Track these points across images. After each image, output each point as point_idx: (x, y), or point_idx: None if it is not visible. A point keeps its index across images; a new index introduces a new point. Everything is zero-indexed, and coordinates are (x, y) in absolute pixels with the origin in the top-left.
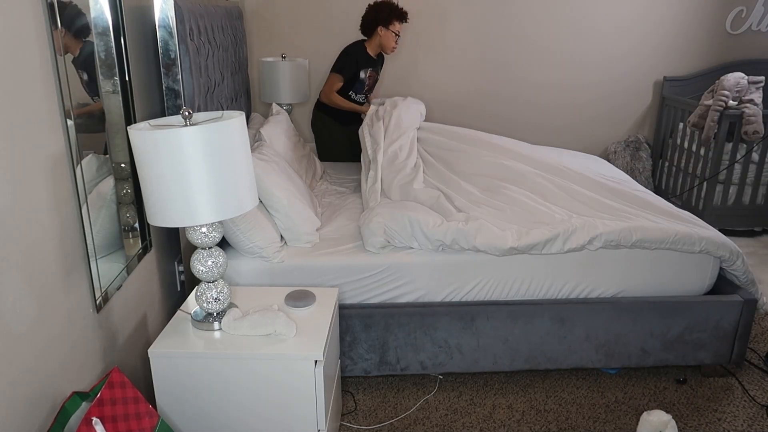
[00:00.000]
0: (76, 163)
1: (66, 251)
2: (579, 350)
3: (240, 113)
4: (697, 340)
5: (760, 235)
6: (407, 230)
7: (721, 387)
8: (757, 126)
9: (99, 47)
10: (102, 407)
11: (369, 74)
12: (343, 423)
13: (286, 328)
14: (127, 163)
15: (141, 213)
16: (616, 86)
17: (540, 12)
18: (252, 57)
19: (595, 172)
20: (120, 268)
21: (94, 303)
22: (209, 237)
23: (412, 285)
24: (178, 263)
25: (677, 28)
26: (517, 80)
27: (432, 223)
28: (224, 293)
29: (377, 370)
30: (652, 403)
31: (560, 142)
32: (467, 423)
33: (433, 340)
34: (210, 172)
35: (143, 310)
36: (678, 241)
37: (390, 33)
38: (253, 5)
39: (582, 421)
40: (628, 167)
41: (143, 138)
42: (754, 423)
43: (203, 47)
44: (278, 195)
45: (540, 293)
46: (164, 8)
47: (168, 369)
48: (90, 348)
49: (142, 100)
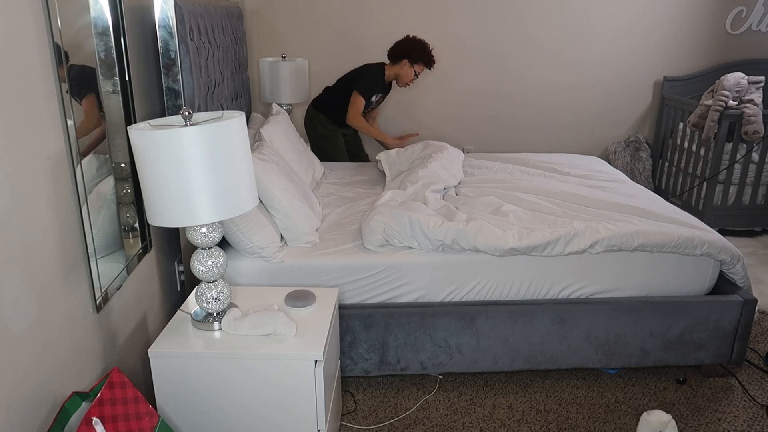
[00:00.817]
0: (76, 163)
1: (66, 251)
2: (579, 350)
3: (240, 113)
4: (697, 340)
5: (760, 235)
6: (407, 230)
7: (721, 387)
8: (757, 126)
9: (99, 47)
10: (102, 407)
11: (378, 99)
12: (343, 423)
13: (286, 328)
14: (127, 163)
15: (141, 213)
16: (616, 86)
17: (540, 12)
18: (252, 57)
19: (593, 170)
20: (120, 268)
21: (94, 303)
22: (209, 237)
23: (412, 285)
24: (178, 263)
25: (677, 28)
26: (517, 80)
27: (432, 223)
28: (224, 293)
29: (377, 370)
30: (652, 403)
31: (560, 143)
32: (467, 423)
33: (433, 340)
34: (210, 172)
35: (143, 310)
36: (680, 244)
37: (412, 70)
38: (253, 5)
39: (582, 421)
40: (628, 167)
41: (143, 138)
42: (754, 423)
43: (203, 47)
44: (278, 195)
45: (540, 293)
46: (164, 8)
47: (168, 369)
48: (90, 348)
49: (142, 100)
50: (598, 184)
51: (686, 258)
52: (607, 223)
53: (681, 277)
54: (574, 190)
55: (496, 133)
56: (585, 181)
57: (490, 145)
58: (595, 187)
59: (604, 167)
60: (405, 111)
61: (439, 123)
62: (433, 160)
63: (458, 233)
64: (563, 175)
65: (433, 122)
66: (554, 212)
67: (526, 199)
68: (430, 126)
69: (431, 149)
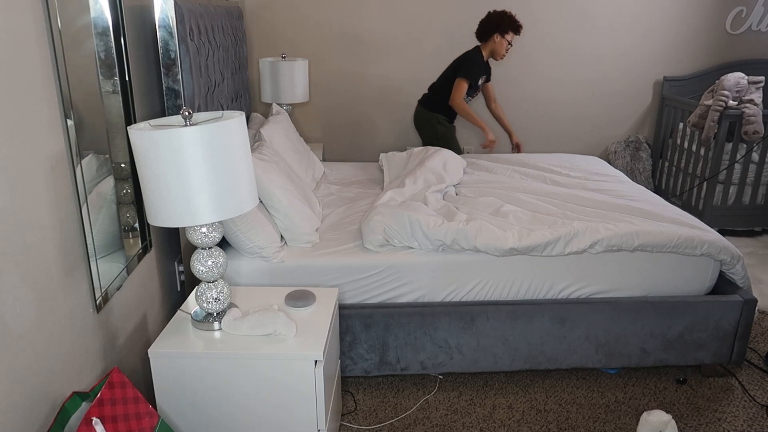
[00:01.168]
0: (76, 163)
1: (66, 251)
2: (579, 350)
3: (240, 113)
4: (697, 340)
5: (760, 235)
6: (407, 229)
7: (721, 387)
8: (757, 126)
9: (99, 47)
10: (102, 407)
11: (483, 81)
12: (343, 423)
13: (286, 328)
14: (127, 163)
15: (141, 213)
16: (616, 86)
17: (540, 12)
18: (252, 57)
19: (593, 171)
20: (120, 268)
21: (94, 303)
22: (209, 237)
23: (412, 285)
24: (178, 263)
25: (677, 28)
26: (517, 81)
27: (432, 223)
28: (224, 293)
29: (377, 370)
30: (652, 403)
31: (560, 142)
32: (467, 423)
33: (433, 340)
34: (210, 172)
35: (143, 310)
36: (680, 245)
37: (504, 41)
38: (253, 5)
39: (582, 421)
40: (628, 167)
41: (143, 138)
42: (754, 423)
43: (203, 47)
44: (278, 195)
45: (540, 293)
46: (164, 8)
47: (168, 369)
48: (90, 348)
49: (142, 100)
50: (597, 186)
51: (686, 258)
52: (607, 224)
53: (681, 277)
54: (574, 191)
55: (496, 133)
56: (586, 183)
57: None
58: (595, 190)
59: (604, 168)
60: (405, 111)
61: None
62: (433, 160)
63: (458, 233)
64: (563, 176)
65: None
66: (554, 213)
67: (526, 200)
68: None
69: (431, 150)
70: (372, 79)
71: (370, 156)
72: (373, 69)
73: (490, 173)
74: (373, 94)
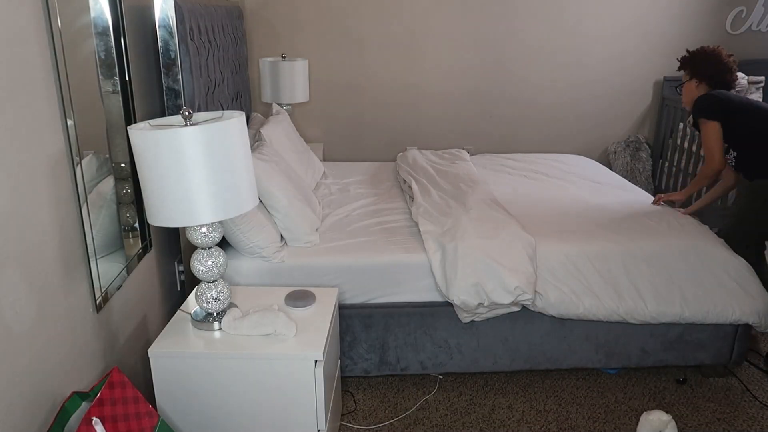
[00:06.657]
0: (76, 163)
1: (66, 251)
2: (579, 350)
3: (240, 113)
4: (697, 340)
5: None
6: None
7: (721, 387)
8: None
9: (99, 47)
10: (102, 407)
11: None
12: (343, 423)
13: (286, 328)
14: (127, 163)
15: (141, 213)
16: (616, 86)
17: (540, 12)
18: (252, 57)
19: (595, 179)
20: (120, 268)
21: (94, 303)
22: (209, 237)
23: (412, 285)
24: (178, 263)
25: (677, 28)
26: (517, 81)
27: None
28: (224, 293)
29: (377, 370)
30: (652, 403)
31: (560, 143)
32: (467, 423)
33: (433, 340)
34: (210, 172)
35: (143, 310)
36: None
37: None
38: (253, 5)
39: (582, 421)
40: (628, 167)
41: (143, 138)
42: (754, 423)
43: (203, 47)
44: (278, 195)
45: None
46: (164, 8)
47: (168, 369)
48: (90, 348)
49: (142, 100)
50: (601, 200)
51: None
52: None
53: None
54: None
55: (496, 133)
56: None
57: (489, 145)
58: (608, 206)
59: (601, 171)
60: (405, 111)
61: (439, 123)
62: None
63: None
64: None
65: (433, 122)
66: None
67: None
68: (430, 126)
69: (450, 156)
70: (372, 79)
71: (369, 156)
72: (373, 69)
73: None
74: (373, 94)
